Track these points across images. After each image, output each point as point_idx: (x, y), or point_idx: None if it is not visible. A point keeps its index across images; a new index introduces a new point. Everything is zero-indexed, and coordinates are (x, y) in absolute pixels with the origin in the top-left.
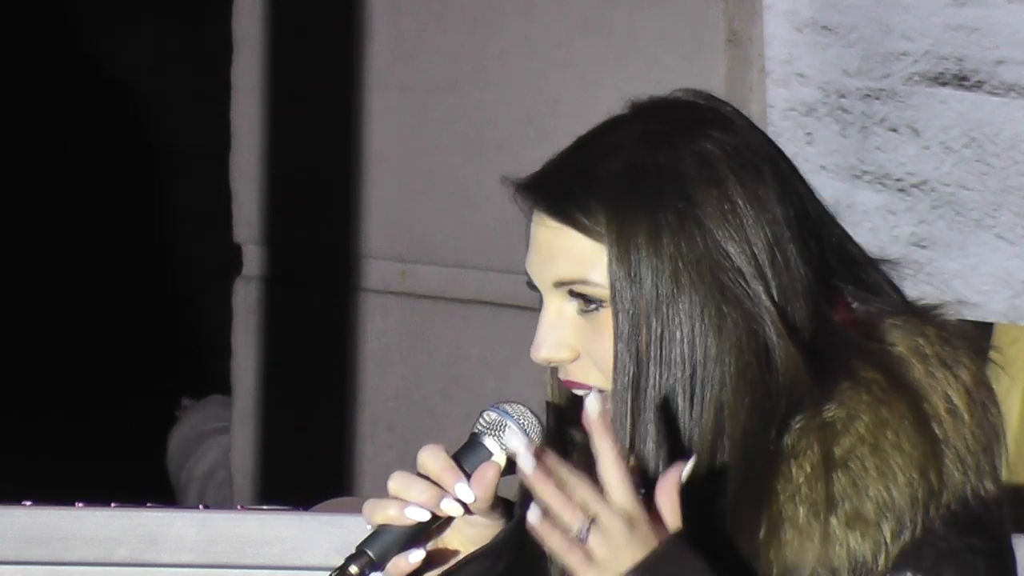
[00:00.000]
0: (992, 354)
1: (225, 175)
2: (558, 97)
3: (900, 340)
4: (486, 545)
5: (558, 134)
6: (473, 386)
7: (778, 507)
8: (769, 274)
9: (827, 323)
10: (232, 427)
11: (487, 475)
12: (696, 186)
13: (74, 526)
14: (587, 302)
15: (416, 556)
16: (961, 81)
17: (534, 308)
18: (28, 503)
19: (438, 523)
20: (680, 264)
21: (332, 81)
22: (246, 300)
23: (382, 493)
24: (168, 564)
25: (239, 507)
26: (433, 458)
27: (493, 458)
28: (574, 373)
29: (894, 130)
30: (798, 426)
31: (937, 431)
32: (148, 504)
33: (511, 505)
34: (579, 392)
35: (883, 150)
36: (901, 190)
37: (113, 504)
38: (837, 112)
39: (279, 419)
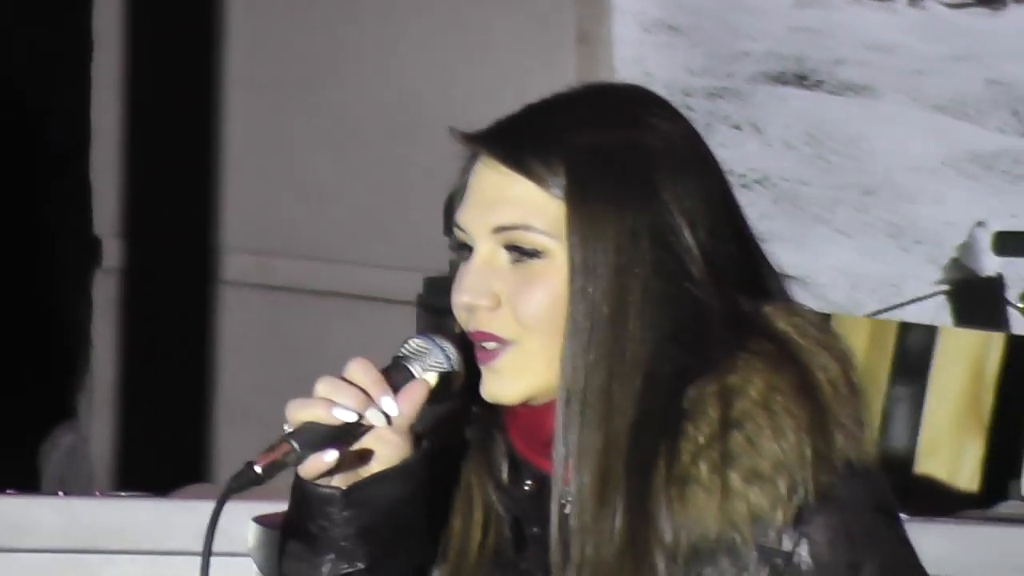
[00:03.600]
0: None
1: (86, 169)
2: (415, 94)
3: (781, 321)
4: (396, 466)
5: (415, 130)
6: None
7: (682, 466)
8: (708, 255)
9: (731, 302)
10: (91, 417)
11: (415, 393)
12: (657, 165)
13: None
14: (522, 252)
15: (331, 456)
16: (801, 80)
17: (390, 300)
18: None
19: (355, 432)
20: (639, 232)
21: (191, 79)
22: (105, 292)
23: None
24: (29, 549)
25: (98, 493)
26: (364, 370)
27: (425, 376)
28: (488, 323)
29: (737, 127)
30: (698, 390)
31: (821, 399)
32: (8, 491)
33: (420, 439)
34: (487, 344)
35: (726, 147)
36: (744, 185)
37: None
38: (682, 110)
39: (137, 408)
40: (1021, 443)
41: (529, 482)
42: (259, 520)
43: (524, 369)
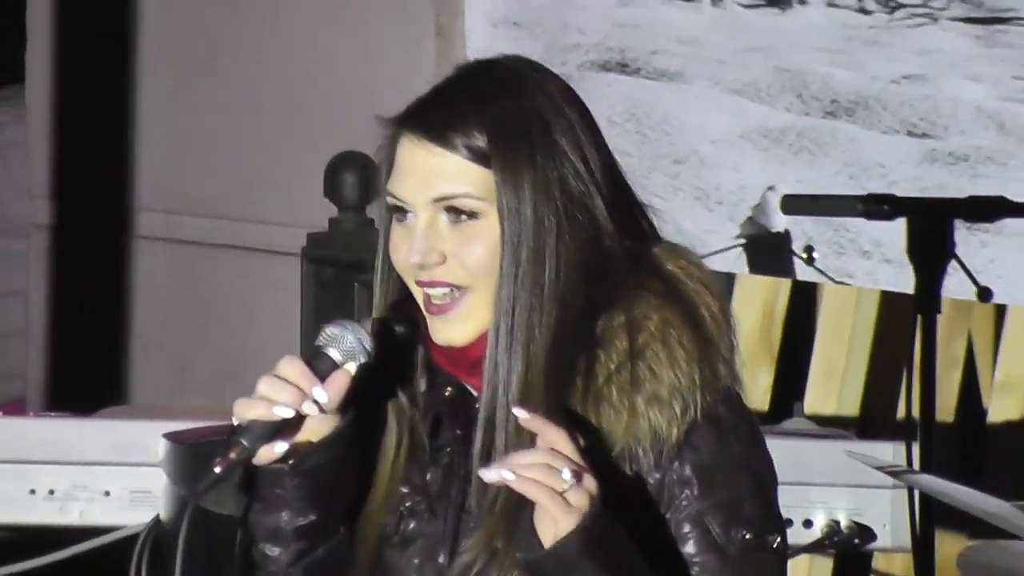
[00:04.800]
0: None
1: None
2: (302, 75)
3: (668, 262)
4: (326, 437)
5: (302, 106)
6: (227, 316)
7: (597, 386)
8: (607, 198)
9: (623, 243)
10: (28, 352)
11: (339, 381)
12: (553, 124)
13: None
14: (459, 214)
15: (280, 448)
16: (623, 68)
17: (278, 252)
18: None
19: (294, 420)
20: (552, 184)
21: (113, 58)
22: (39, 244)
23: (153, 403)
24: None
25: (32, 414)
26: (292, 366)
27: (346, 367)
28: (440, 274)
29: None
30: (607, 320)
31: (706, 334)
32: None
33: (347, 407)
34: (437, 291)
35: None
36: None
37: None
38: None
39: (66, 344)
40: (803, 371)
41: (449, 388)
42: (168, 436)
43: (475, 312)
